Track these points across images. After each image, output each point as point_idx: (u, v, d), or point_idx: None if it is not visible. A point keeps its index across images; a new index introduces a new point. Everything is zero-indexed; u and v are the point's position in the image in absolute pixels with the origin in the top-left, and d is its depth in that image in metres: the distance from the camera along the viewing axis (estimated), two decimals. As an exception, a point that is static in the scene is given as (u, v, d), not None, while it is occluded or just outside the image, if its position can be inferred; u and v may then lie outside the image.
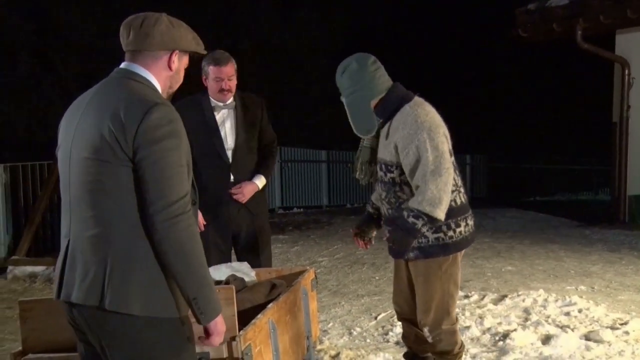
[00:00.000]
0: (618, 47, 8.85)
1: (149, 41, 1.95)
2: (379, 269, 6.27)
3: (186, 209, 1.85)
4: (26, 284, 6.14)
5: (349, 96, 2.93)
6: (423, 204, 2.76)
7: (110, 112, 1.84)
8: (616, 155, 8.87)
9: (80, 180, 1.89)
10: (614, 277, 5.65)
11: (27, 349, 2.56)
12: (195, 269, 1.86)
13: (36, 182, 7.34)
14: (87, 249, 1.88)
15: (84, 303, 1.88)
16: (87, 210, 1.88)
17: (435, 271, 2.96)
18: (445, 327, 3.03)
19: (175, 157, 1.85)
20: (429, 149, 2.78)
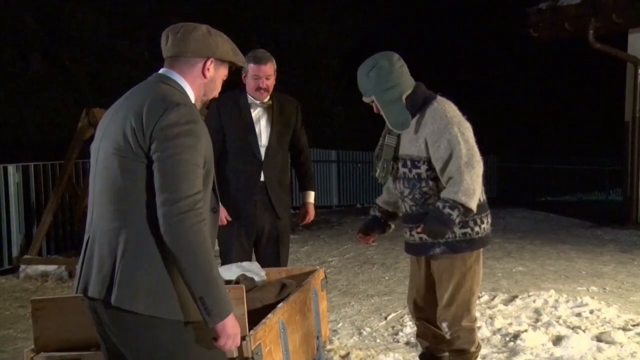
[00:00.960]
0: (630, 46, 8.79)
1: (185, 47, 1.99)
2: (389, 269, 6.27)
3: (195, 207, 1.84)
4: (38, 283, 6.18)
5: (382, 93, 2.94)
6: (459, 195, 2.80)
7: (134, 111, 1.89)
8: (628, 154, 8.80)
9: (103, 176, 1.93)
10: (626, 278, 5.61)
11: (39, 347, 2.58)
12: (202, 267, 1.84)
13: (48, 182, 7.39)
14: (104, 243, 1.91)
15: (97, 297, 1.90)
16: (108, 205, 1.91)
17: (459, 267, 2.99)
18: (465, 324, 3.05)
19: (190, 155, 1.85)
20: (461, 142, 2.84)
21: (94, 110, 6.16)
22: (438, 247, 2.97)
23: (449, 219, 2.82)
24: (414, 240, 3.06)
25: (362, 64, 2.99)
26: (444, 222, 2.83)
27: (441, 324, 3.09)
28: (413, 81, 3.02)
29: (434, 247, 2.98)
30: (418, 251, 3.08)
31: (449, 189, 2.84)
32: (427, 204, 2.95)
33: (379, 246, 7.43)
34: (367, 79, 2.95)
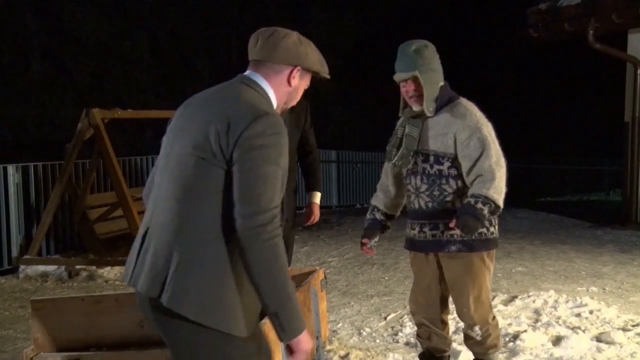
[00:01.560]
0: (630, 46, 8.79)
1: (274, 53, 1.96)
2: (389, 270, 6.26)
3: (273, 221, 1.79)
4: (38, 283, 6.18)
5: (428, 71, 2.93)
6: (491, 191, 2.83)
7: (220, 113, 1.85)
8: (628, 155, 8.80)
9: (175, 173, 1.88)
10: (626, 279, 5.60)
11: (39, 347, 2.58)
12: (277, 282, 1.79)
13: (48, 182, 7.39)
14: (161, 240, 1.86)
15: (146, 293, 1.87)
16: (173, 202, 1.86)
17: (480, 266, 3.00)
18: (492, 322, 3.10)
19: (272, 168, 1.81)
20: (491, 142, 2.90)
21: (94, 110, 6.16)
22: (453, 244, 2.96)
23: (481, 213, 2.82)
24: (426, 237, 3.02)
25: (407, 43, 2.98)
26: (477, 217, 2.83)
27: (473, 327, 3.09)
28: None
29: (449, 244, 2.96)
30: (430, 248, 3.04)
31: (479, 185, 2.85)
32: (445, 201, 2.95)
33: (378, 246, 7.38)
34: (416, 54, 2.93)
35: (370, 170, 14.49)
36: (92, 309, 2.57)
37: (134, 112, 7.35)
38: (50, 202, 6.57)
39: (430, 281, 3.13)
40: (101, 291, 5.68)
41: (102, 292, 5.58)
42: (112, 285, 6.04)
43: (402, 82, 2.97)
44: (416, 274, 3.22)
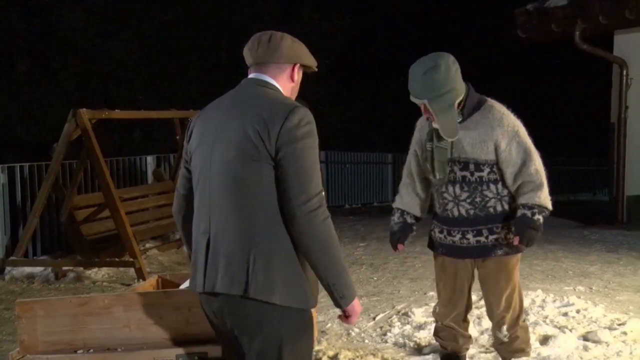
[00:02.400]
0: (616, 47, 8.86)
1: (277, 54, 2.13)
2: (378, 270, 6.27)
3: (323, 202, 2.00)
4: (24, 284, 6.13)
5: (437, 98, 2.80)
6: (542, 198, 2.88)
7: (253, 113, 2.01)
8: (614, 155, 8.87)
9: (224, 178, 2.02)
10: (612, 278, 5.65)
11: (25, 349, 2.56)
12: (334, 257, 2.00)
13: (34, 183, 7.34)
14: (231, 242, 2.01)
15: (228, 292, 2.00)
16: (230, 206, 2.01)
17: (514, 267, 3.06)
18: (522, 323, 3.11)
19: (313, 155, 2.00)
20: (531, 145, 2.91)
21: (82, 111, 6.11)
22: (500, 248, 3.00)
23: (539, 224, 2.88)
24: (469, 244, 3.02)
25: (417, 63, 2.85)
26: (537, 229, 2.88)
27: (500, 327, 3.10)
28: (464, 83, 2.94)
29: (496, 248, 3.00)
30: (475, 254, 3.04)
31: (531, 194, 2.88)
32: (487, 207, 2.96)
33: (367, 247, 7.44)
34: (423, 80, 2.80)
35: (359, 171, 14.51)
36: (79, 311, 2.55)
37: (122, 113, 7.31)
38: (37, 203, 6.52)
39: (464, 284, 3.14)
40: (88, 292, 5.65)
41: (90, 293, 5.54)
42: (99, 287, 6.00)
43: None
44: (449, 278, 3.18)
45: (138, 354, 2.49)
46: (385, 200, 14.79)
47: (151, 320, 2.54)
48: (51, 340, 2.55)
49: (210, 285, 2.04)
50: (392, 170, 15.32)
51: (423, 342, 3.95)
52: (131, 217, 6.99)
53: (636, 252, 6.78)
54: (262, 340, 2.03)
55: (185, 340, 2.53)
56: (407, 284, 5.66)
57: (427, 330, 4.11)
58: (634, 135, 8.72)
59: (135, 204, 7.60)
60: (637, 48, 8.62)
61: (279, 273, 1.99)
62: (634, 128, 8.73)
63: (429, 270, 6.15)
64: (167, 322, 2.54)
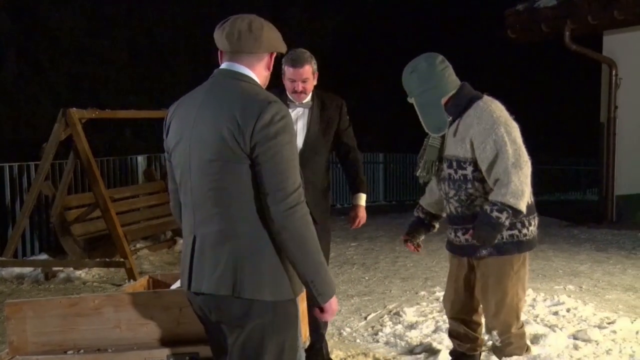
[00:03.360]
0: (605, 47, 8.92)
1: (257, 44, 2.08)
2: (369, 270, 6.28)
3: (301, 199, 1.98)
4: (13, 285, 6.09)
5: (419, 95, 2.92)
6: (507, 197, 2.77)
7: (226, 113, 1.97)
8: (604, 155, 8.93)
9: (203, 181, 2.02)
10: (602, 277, 5.68)
11: (15, 350, 2.54)
12: (312, 254, 2.00)
13: (23, 183, 7.29)
14: (216, 243, 2.02)
15: (216, 293, 2.01)
16: (212, 208, 2.01)
17: (507, 271, 2.95)
18: (515, 330, 3.03)
19: (289, 151, 1.98)
20: (508, 142, 2.81)
21: (71, 110, 6.08)
22: (485, 248, 2.95)
23: (497, 222, 2.79)
24: (460, 242, 3.03)
25: (407, 65, 2.97)
26: (493, 226, 2.80)
27: (491, 332, 3.07)
28: (457, 82, 2.98)
29: (481, 248, 2.95)
30: (464, 252, 3.05)
31: (497, 191, 2.80)
32: (474, 205, 2.94)
33: (358, 247, 7.44)
34: (409, 80, 2.93)
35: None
36: (69, 311, 2.54)
37: (111, 112, 7.28)
38: (26, 203, 6.48)
39: (463, 283, 3.13)
40: (79, 293, 5.62)
41: (80, 294, 5.51)
42: (89, 287, 5.97)
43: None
44: (450, 274, 3.21)
45: (129, 354, 2.48)
46: (377, 200, 14.81)
47: (142, 321, 2.53)
48: (41, 341, 2.53)
49: (197, 285, 2.05)
50: (383, 170, 15.35)
51: (414, 342, 3.96)
52: (122, 217, 6.96)
53: (625, 251, 6.83)
54: (247, 334, 2.04)
55: (176, 340, 2.52)
56: (399, 283, 5.67)
57: (419, 330, 4.12)
58: (624, 135, 8.79)
59: (126, 204, 7.57)
60: (626, 48, 8.68)
61: (266, 270, 2.01)
62: (623, 128, 8.79)
63: (420, 269, 6.17)
64: (158, 322, 2.53)
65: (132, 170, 8.80)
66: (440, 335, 3.98)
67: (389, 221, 9.92)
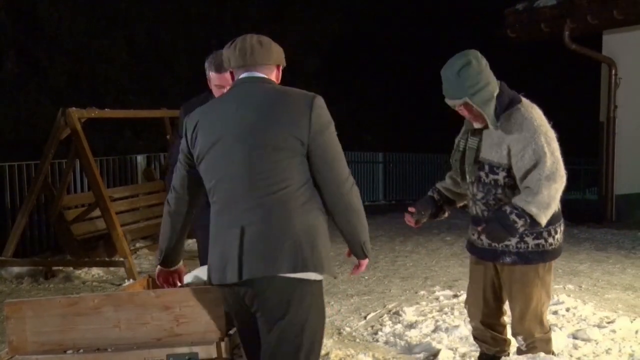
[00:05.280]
0: (605, 47, 8.92)
1: (270, 56, 2.31)
2: (369, 269, 6.26)
3: (353, 179, 2.30)
4: (13, 285, 6.09)
5: (477, 93, 2.78)
6: (531, 205, 2.70)
7: (279, 111, 2.18)
8: (604, 154, 8.93)
9: (254, 171, 2.17)
10: (602, 276, 5.68)
11: (14, 350, 2.54)
12: (365, 220, 2.34)
13: (22, 182, 7.29)
14: (271, 229, 2.16)
15: (277, 274, 2.16)
16: (269, 196, 2.17)
17: (532, 279, 2.90)
18: (539, 335, 2.99)
19: (336, 137, 2.28)
20: (547, 153, 2.74)
21: (71, 110, 6.08)
22: (509, 256, 2.88)
23: (512, 226, 2.73)
24: (483, 245, 2.97)
25: (448, 65, 2.82)
26: (506, 228, 2.74)
27: (516, 337, 3.05)
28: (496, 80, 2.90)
29: (504, 255, 2.89)
30: (486, 256, 2.99)
31: (523, 197, 2.74)
32: (505, 203, 2.85)
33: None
34: (458, 79, 2.78)
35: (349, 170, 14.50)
36: (68, 311, 2.54)
37: (111, 112, 7.28)
38: (26, 203, 6.48)
39: (486, 286, 3.08)
40: (78, 293, 5.62)
41: (79, 293, 5.51)
42: (89, 287, 5.97)
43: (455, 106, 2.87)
44: (472, 277, 3.16)
45: (128, 354, 2.48)
46: (376, 200, 14.81)
47: (141, 321, 2.53)
48: (40, 341, 2.53)
49: (253, 272, 2.16)
50: (383, 169, 15.35)
51: (414, 341, 3.96)
52: (121, 216, 6.96)
53: (625, 251, 6.83)
54: (291, 316, 2.20)
55: (176, 340, 2.52)
56: (398, 283, 5.67)
57: (418, 329, 4.12)
58: (623, 135, 8.79)
59: (125, 204, 7.57)
60: (625, 48, 8.68)
61: (320, 250, 2.22)
62: (623, 127, 8.80)
63: (419, 269, 6.17)
64: (158, 322, 2.53)
65: (131, 169, 8.80)
66: (439, 335, 3.98)
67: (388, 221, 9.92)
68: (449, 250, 6.94)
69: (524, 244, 2.85)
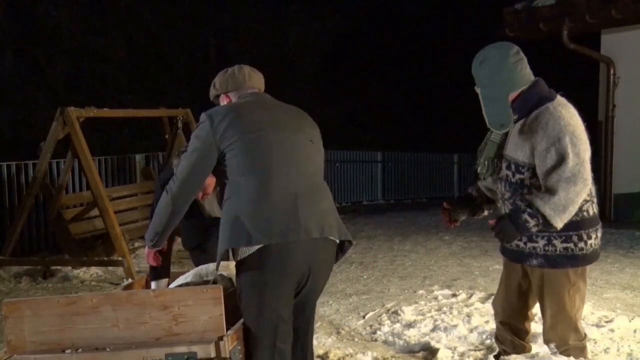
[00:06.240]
0: (603, 46, 8.93)
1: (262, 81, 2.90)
2: (367, 268, 6.28)
3: None
4: (11, 284, 6.08)
5: (485, 87, 2.76)
6: (545, 206, 2.63)
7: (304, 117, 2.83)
8: (602, 154, 8.94)
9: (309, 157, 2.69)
10: (600, 276, 5.69)
11: (12, 349, 2.54)
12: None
13: (21, 182, 7.28)
14: (324, 199, 2.66)
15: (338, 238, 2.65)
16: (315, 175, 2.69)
17: (563, 283, 2.81)
18: (573, 343, 2.89)
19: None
20: (571, 154, 2.64)
21: (69, 109, 6.07)
22: (535, 258, 2.81)
23: (523, 225, 2.66)
24: (511, 246, 2.88)
25: (480, 52, 2.83)
26: (517, 226, 2.68)
27: (548, 344, 2.96)
28: (530, 77, 2.83)
29: (531, 257, 2.81)
30: (514, 258, 2.93)
31: (540, 195, 2.66)
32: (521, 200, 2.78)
33: (357, 245, 7.44)
34: (479, 70, 2.78)
35: (348, 169, 14.52)
36: (67, 310, 2.53)
37: (110, 111, 7.28)
38: (24, 202, 6.47)
39: (510, 286, 3.02)
40: (77, 292, 5.61)
41: (78, 293, 5.51)
42: (87, 286, 5.97)
43: None
44: (503, 279, 3.10)
45: (127, 353, 2.48)
46: (375, 199, 14.81)
47: (140, 320, 2.53)
48: (39, 340, 2.53)
49: (307, 232, 2.49)
50: (382, 169, 15.34)
51: (412, 341, 3.96)
52: (120, 216, 6.95)
53: (623, 250, 6.84)
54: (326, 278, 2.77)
55: (174, 339, 2.52)
56: (397, 282, 5.67)
57: (417, 329, 4.12)
58: (621, 134, 8.80)
59: (124, 203, 7.57)
60: (624, 47, 8.69)
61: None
62: (621, 126, 8.81)
63: (418, 268, 6.17)
64: (156, 321, 2.53)
65: (130, 169, 8.80)
66: (438, 334, 3.98)
67: (387, 220, 9.94)
68: (448, 250, 6.94)
69: (552, 246, 2.77)
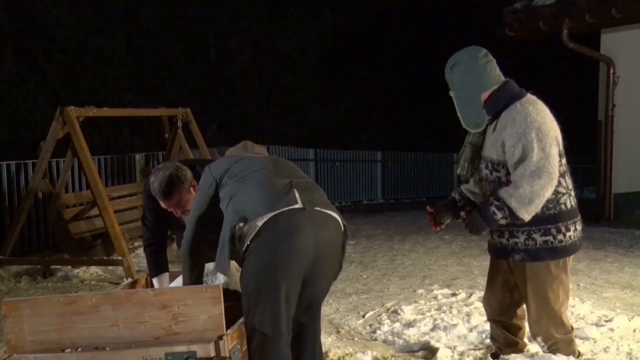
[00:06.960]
0: (603, 46, 8.93)
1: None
2: (367, 268, 6.28)
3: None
4: (11, 283, 6.08)
5: (459, 90, 2.88)
6: (511, 199, 2.72)
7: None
8: (602, 153, 8.95)
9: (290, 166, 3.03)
10: (599, 275, 5.69)
11: (12, 349, 2.54)
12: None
13: (20, 181, 7.28)
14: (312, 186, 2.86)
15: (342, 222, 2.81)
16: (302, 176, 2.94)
17: (546, 276, 2.88)
18: (560, 336, 2.95)
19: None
20: (536, 149, 2.72)
21: (69, 108, 6.07)
22: (517, 253, 2.88)
23: (491, 217, 2.76)
24: (494, 243, 2.98)
25: (450, 58, 2.93)
26: (485, 219, 2.78)
27: (535, 338, 3.01)
28: (500, 78, 2.92)
29: (514, 252, 2.89)
30: (497, 254, 3.00)
31: (506, 189, 2.75)
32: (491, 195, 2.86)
33: (356, 245, 7.45)
34: (451, 74, 2.90)
35: (348, 169, 14.52)
36: (66, 310, 2.54)
37: (109, 110, 7.27)
38: (24, 201, 6.47)
39: (500, 285, 3.07)
40: (76, 291, 5.61)
41: (78, 292, 5.51)
42: (87, 285, 5.97)
43: None
44: (488, 276, 3.17)
45: (126, 352, 2.48)
46: (374, 198, 14.82)
47: (140, 319, 2.53)
48: (38, 340, 2.53)
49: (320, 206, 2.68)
50: (381, 168, 15.35)
51: (412, 340, 3.96)
52: (119, 215, 6.95)
53: (623, 249, 6.84)
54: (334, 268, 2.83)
55: (174, 338, 2.52)
56: (397, 281, 5.67)
57: (417, 328, 4.12)
58: (621, 133, 8.81)
59: (123, 202, 7.57)
60: (623, 46, 8.70)
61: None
62: (621, 126, 8.81)
63: (418, 268, 6.17)
64: (156, 320, 2.53)
65: (129, 168, 8.80)
66: (438, 334, 3.98)
67: (386, 219, 9.94)
68: (447, 249, 6.95)
69: (532, 240, 2.84)
